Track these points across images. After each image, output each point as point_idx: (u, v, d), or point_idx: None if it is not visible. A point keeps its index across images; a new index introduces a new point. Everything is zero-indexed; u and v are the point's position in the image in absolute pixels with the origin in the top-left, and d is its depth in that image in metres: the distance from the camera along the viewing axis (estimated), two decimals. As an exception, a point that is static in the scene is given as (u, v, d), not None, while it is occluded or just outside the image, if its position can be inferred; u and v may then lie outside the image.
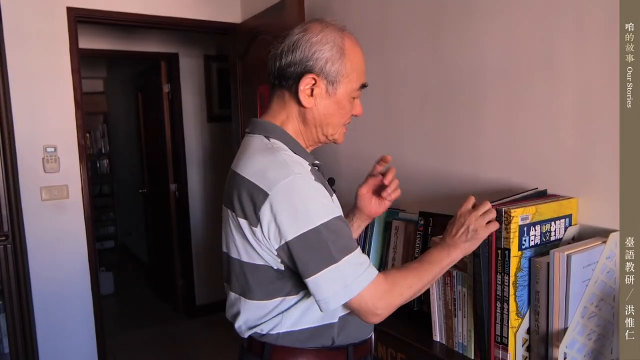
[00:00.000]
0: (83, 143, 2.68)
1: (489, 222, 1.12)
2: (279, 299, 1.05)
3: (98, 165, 6.58)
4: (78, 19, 2.62)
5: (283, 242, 0.96)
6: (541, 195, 1.30)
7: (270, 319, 1.06)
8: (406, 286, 1.02)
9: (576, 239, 1.27)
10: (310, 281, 0.96)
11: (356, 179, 2.16)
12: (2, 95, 2.35)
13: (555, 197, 1.29)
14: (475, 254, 1.20)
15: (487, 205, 1.12)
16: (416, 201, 1.80)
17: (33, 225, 2.58)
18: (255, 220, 0.98)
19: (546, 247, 1.21)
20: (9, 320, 2.44)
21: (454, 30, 1.62)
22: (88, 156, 2.76)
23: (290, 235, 0.95)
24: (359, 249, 1.00)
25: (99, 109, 6.46)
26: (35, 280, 2.58)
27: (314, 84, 1.06)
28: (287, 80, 1.07)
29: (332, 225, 0.96)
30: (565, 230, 1.26)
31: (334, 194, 1.11)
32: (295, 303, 1.05)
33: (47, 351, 2.63)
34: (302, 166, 1.01)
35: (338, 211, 1.01)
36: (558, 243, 1.24)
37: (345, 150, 2.21)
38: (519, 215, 1.15)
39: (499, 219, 1.16)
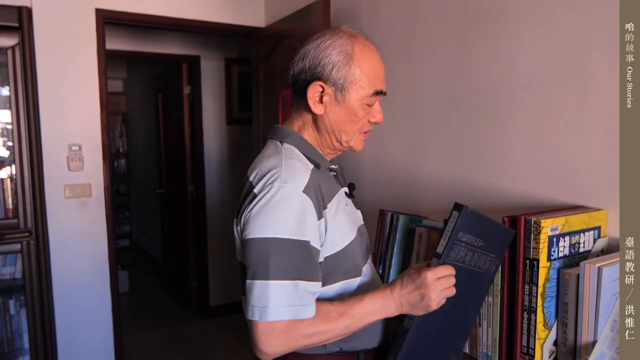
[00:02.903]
0: (107, 143, 2.71)
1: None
2: None
3: (116, 164, 6.66)
4: (106, 20, 2.66)
5: (244, 239, 0.99)
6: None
7: None
8: (308, 335, 0.97)
9: (605, 251, 1.26)
10: (246, 283, 0.98)
11: (379, 185, 2.17)
12: (31, 94, 2.40)
13: (584, 209, 1.28)
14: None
15: (452, 280, 1.02)
16: (439, 209, 1.80)
17: (56, 223, 2.62)
18: (240, 219, 1.02)
19: (575, 258, 1.20)
20: (29, 315, 2.48)
21: (484, 39, 1.62)
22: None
23: (249, 234, 0.97)
24: (306, 284, 0.96)
25: (118, 109, 6.55)
26: (56, 277, 2.62)
27: (322, 92, 1.06)
28: (299, 88, 1.09)
29: (286, 244, 0.95)
30: (594, 242, 1.25)
31: (349, 201, 1.15)
32: None
33: (65, 347, 2.66)
34: (299, 175, 1.00)
35: (309, 236, 0.98)
36: (587, 255, 1.24)
37: (368, 156, 2.22)
38: (549, 225, 1.14)
39: (527, 228, 1.16)
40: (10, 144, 2.49)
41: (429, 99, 1.87)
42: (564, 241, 1.18)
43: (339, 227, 1.05)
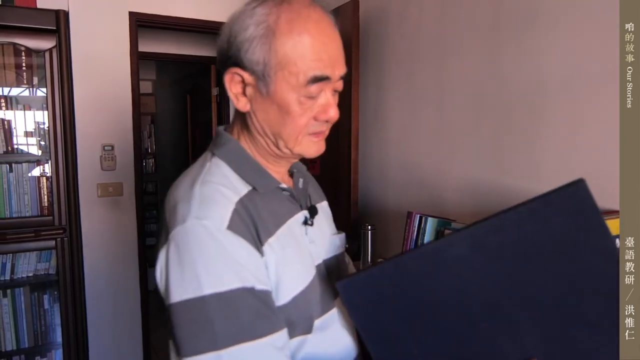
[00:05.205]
0: (138, 143, 2.77)
1: None
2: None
3: (144, 164, 6.78)
4: (139, 23, 2.72)
5: (167, 302, 0.72)
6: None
7: None
8: None
9: (640, 257, 1.24)
10: None
11: (406, 187, 2.17)
12: (67, 95, 2.47)
13: (619, 214, 1.26)
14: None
15: None
16: (468, 212, 1.79)
17: (88, 220, 2.69)
18: (154, 260, 0.76)
19: (609, 264, 1.18)
20: (62, 310, 2.55)
21: (514, 41, 1.60)
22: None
23: (173, 297, 0.71)
24: (268, 339, 0.71)
25: (147, 110, 6.64)
26: (88, 273, 2.69)
27: (241, 81, 0.78)
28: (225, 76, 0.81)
29: (229, 298, 0.69)
30: (629, 248, 1.23)
31: (310, 230, 0.88)
32: None
33: (96, 341, 2.73)
34: (217, 207, 0.74)
35: (252, 280, 0.72)
36: (622, 261, 1.21)
37: (395, 157, 2.21)
38: (583, 230, 1.13)
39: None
40: (42, 143, 2.58)
41: (459, 100, 1.85)
42: (599, 246, 1.16)
43: (287, 271, 0.79)
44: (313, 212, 0.91)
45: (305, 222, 0.88)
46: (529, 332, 0.73)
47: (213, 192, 0.75)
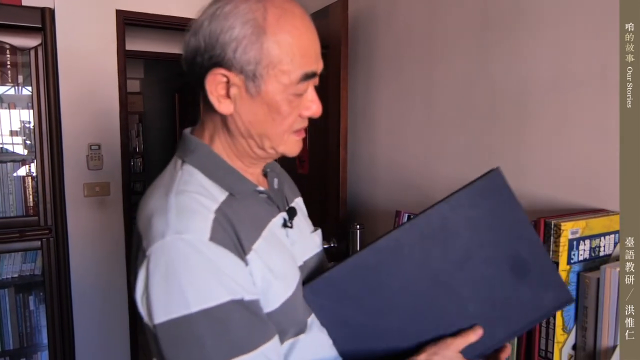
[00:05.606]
0: (126, 142, 2.75)
1: None
2: None
3: (132, 163, 6.73)
4: (126, 21, 2.70)
5: (151, 322, 0.69)
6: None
7: None
8: None
9: (625, 255, 1.25)
10: None
11: (395, 186, 2.17)
12: (52, 94, 2.44)
13: (605, 212, 1.27)
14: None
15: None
16: (456, 211, 1.79)
17: (75, 220, 2.66)
18: (133, 279, 0.72)
19: (594, 262, 1.19)
20: (48, 311, 2.52)
21: (504, 41, 1.61)
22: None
23: (157, 317, 0.67)
24: (261, 350, 0.70)
25: (134, 109, 6.60)
26: (74, 274, 2.66)
27: (227, 83, 0.75)
28: (197, 78, 0.78)
29: (219, 312, 0.67)
30: (614, 246, 1.24)
31: (291, 230, 0.88)
32: None
33: (83, 343, 2.70)
34: (197, 219, 0.70)
35: (241, 290, 0.70)
36: (607, 259, 1.23)
37: (384, 156, 2.22)
38: (569, 229, 1.14)
39: (547, 231, 1.15)
40: (28, 142, 2.55)
41: (447, 100, 1.86)
42: (584, 245, 1.17)
43: (273, 277, 0.77)
44: (292, 213, 0.90)
45: (285, 225, 0.87)
46: (471, 300, 0.83)
47: (190, 202, 0.72)
